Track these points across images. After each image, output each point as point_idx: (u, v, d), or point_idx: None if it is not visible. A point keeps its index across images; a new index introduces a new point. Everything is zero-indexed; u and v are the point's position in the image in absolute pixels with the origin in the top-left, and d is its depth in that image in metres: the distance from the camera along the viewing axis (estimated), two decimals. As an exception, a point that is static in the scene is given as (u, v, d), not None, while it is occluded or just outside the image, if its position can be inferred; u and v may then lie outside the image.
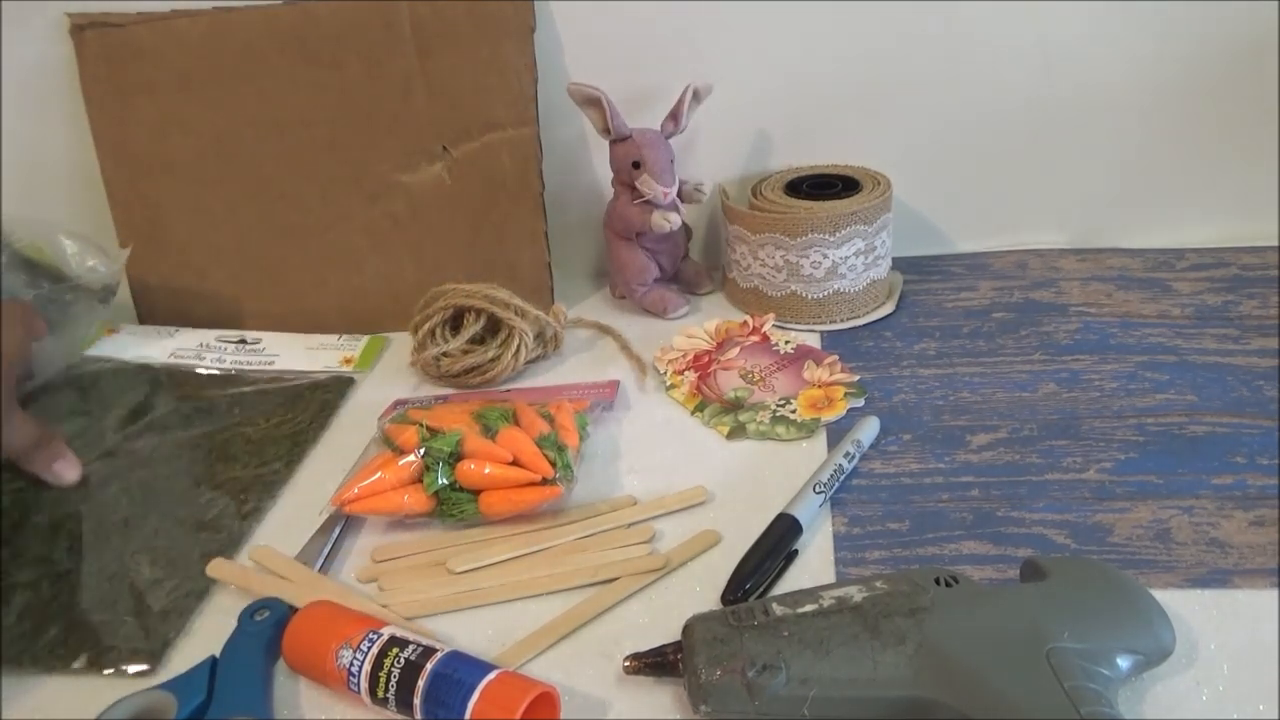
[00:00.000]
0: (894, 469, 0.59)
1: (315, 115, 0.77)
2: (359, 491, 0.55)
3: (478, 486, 0.55)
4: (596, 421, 0.64)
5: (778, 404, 0.65)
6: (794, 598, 0.43)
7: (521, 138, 0.76)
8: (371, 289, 0.80)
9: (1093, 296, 0.77)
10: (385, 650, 0.43)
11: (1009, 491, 0.56)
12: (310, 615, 0.47)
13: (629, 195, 0.76)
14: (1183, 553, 0.50)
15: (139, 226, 0.79)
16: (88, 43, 0.76)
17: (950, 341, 0.72)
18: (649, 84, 0.78)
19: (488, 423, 0.58)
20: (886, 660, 0.40)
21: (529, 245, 0.79)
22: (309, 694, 0.46)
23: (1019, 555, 0.51)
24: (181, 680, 0.45)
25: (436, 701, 0.41)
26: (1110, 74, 0.79)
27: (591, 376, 0.72)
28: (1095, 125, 0.81)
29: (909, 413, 0.64)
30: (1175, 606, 0.45)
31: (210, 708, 0.44)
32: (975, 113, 0.81)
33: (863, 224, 0.73)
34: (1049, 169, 0.83)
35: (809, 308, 0.76)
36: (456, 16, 0.75)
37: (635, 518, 0.56)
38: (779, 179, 0.80)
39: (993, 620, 0.41)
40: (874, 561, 0.52)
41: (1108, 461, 0.58)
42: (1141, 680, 0.43)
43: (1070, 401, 0.64)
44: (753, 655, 0.40)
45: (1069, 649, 0.39)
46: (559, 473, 0.55)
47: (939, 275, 0.82)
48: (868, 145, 0.82)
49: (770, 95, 0.81)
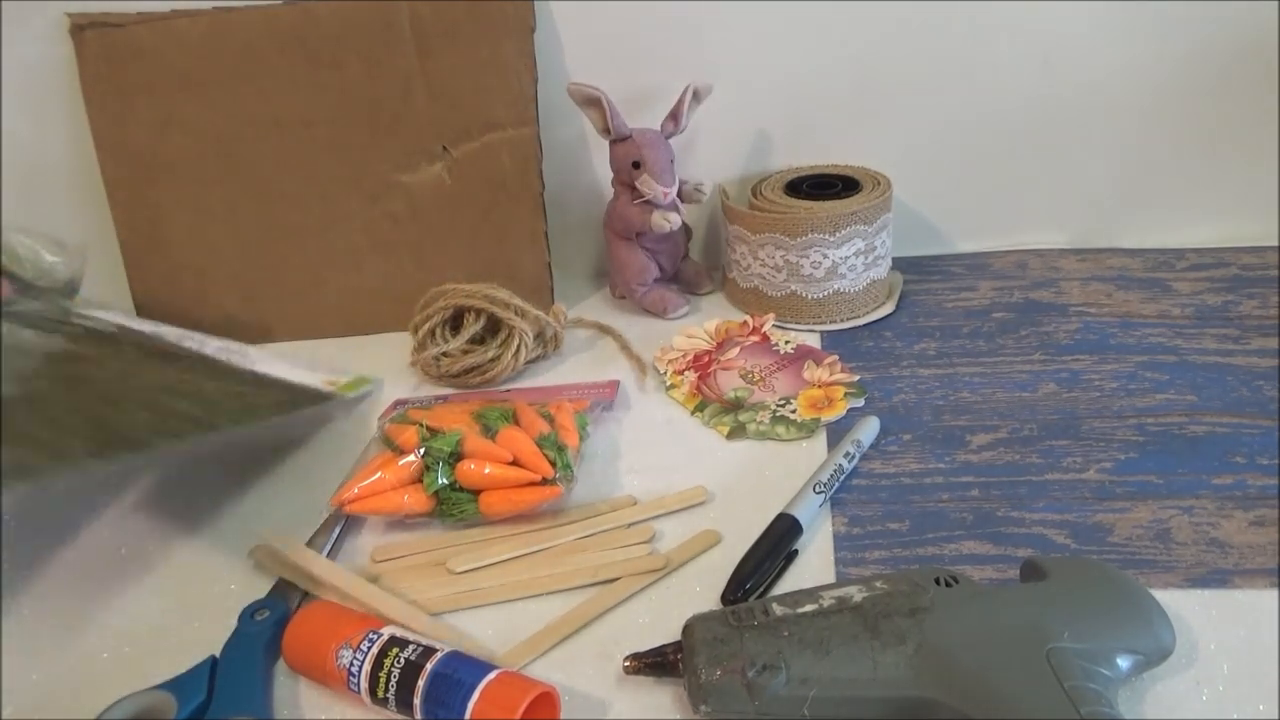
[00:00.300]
0: (894, 469, 0.59)
1: (315, 115, 0.77)
2: (359, 491, 0.55)
3: (478, 486, 0.55)
4: (596, 421, 0.64)
5: (778, 404, 0.65)
6: (794, 598, 0.43)
7: (521, 138, 0.77)
8: (371, 289, 0.80)
9: (1093, 296, 0.77)
10: (385, 650, 0.43)
11: (1009, 491, 0.56)
12: (310, 615, 0.47)
13: (629, 195, 0.76)
14: (1183, 553, 0.50)
15: (139, 226, 0.79)
16: (88, 43, 0.76)
17: (950, 341, 0.72)
18: (649, 84, 0.78)
19: (488, 423, 0.58)
20: (886, 660, 0.40)
21: (529, 245, 0.79)
22: (309, 694, 0.46)
23: (1019, 555, 0.51)
24: (181, 680, 0.45)
25: (436, 701, 0.41)
26: (1110, 74, 0.79)
27: (591, 376, 0.72)
28: (1095, 125, 0.81)
29: (909, 413, 0.64)
30: (1175, 606, 0.45)
31: (210, 707, 0.44)
32: (975, 113, 0.81)
33: (863, 224, 0.73)
34: (1049, 169, 0.83)
35: (809, 308, 0.76)
36: (456, 16, 0.75)
37: (635, 518, 0.56)
38: (779, 179, 0.80)
39: (993, 620, 0.41)
40: (874, 561, 0.52)
41: (1108, 461, 0.58)
42: (1141, 680, 0.43)
43: (1070, 401, 0.64)
44: (753, 655, 0.40)
45: (1069, 649, 0.39)
46: (559, 473, 0.55)
47: (939, 275, 0.82)
48: (868, 145, 0.82)
49: (770, 95, 0.81)
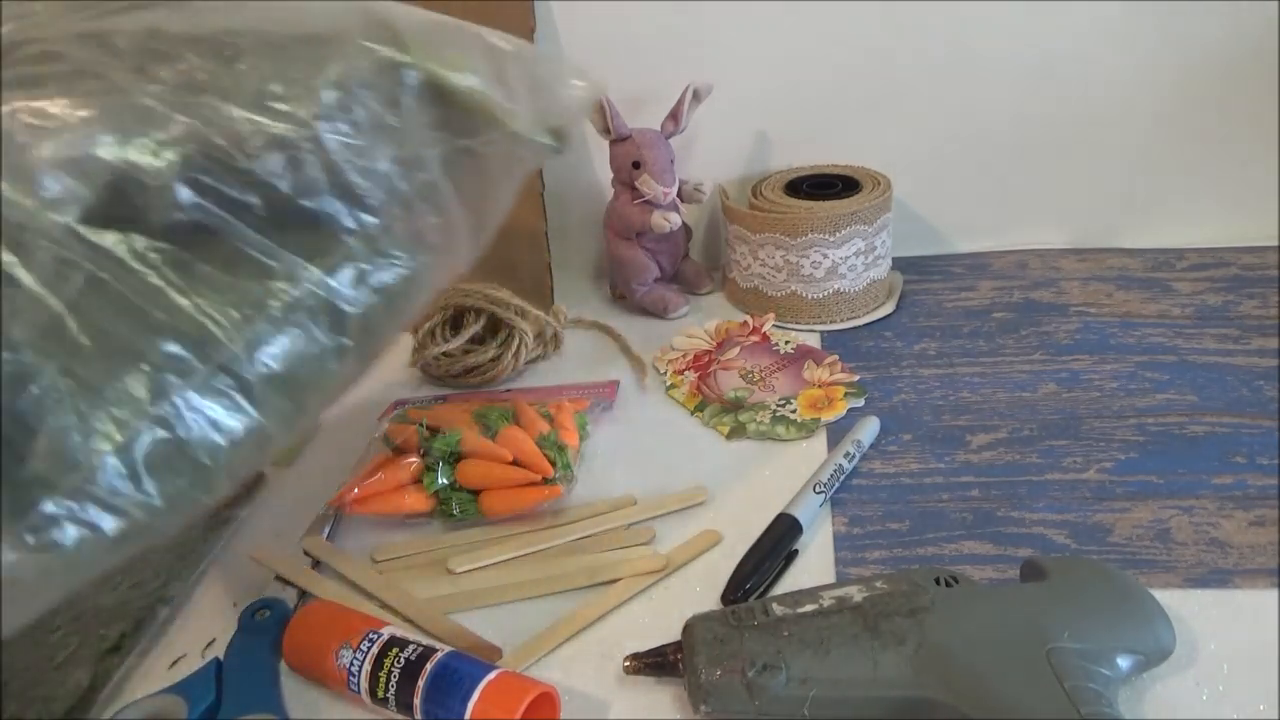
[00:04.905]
0: (894, 469, 0.59)
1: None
2: (359, 491, 0.55)
3: (478, 486, 0.55)
4: (596, 421, 0.64)
5: (778, 404, 0.65)
6: (794, 598, 0.43)
7: (522, 138, 0.76)
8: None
9: (1093, 296, 0.77)
10: (385, 650, 0.43)
11: (1009, 491, 0.56)
12: (310, 615, 0.47)
13: (629, 195, 0.76)
14: (1183, 553, 0.50)
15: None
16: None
17: (950, 341, 0.72)
18: (649, 84, 0.78)
19: (488, 423, 0.58)
20: (886, 660, 0.40)
21: (529, 245, 0.79)
22: (309, 694, 0.46)
23: (1019, 555, 0.51)
24: (188, 683, 0.45)
25: (436, 702, 0.41)
26: (1110, 74, 0.79)
27: (591, 376, 0.72)
28: (1095, 125, 0.81)
29: (909, 413, 0.64)
30: (1175, 606, 0.45)
31: (221, 708, 0.44)
32: (975, 113, 0.81)
33: (863, 224, 0.73)
34: (1049, 169, 0.83)
35: (809, 308, 0.76)
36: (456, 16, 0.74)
37: (635, 518, 0.56)
38: (779, 179, 0.80)
39: (993, 620, 0.41)
40: (874, 561, 0.52)
41: (1108, 461, 0.58)
42: (1141, 680, 0.43)
43: (1070, 401, 0.64)
44: (753, 655, 0.40)
45: (1069, 649, 0.39)
46: (559, 473, 0.55)
47: (939, 275, 0.82)
48: (868, 145, 0.82)
49: (770, 95, 0.81)
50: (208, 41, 0.39)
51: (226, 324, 0.37)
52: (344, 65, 0.40)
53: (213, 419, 0.36)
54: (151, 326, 0.35)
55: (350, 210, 0.40)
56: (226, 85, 0.38)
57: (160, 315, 0.35)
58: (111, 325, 0.34)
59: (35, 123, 0.34)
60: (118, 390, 0.34)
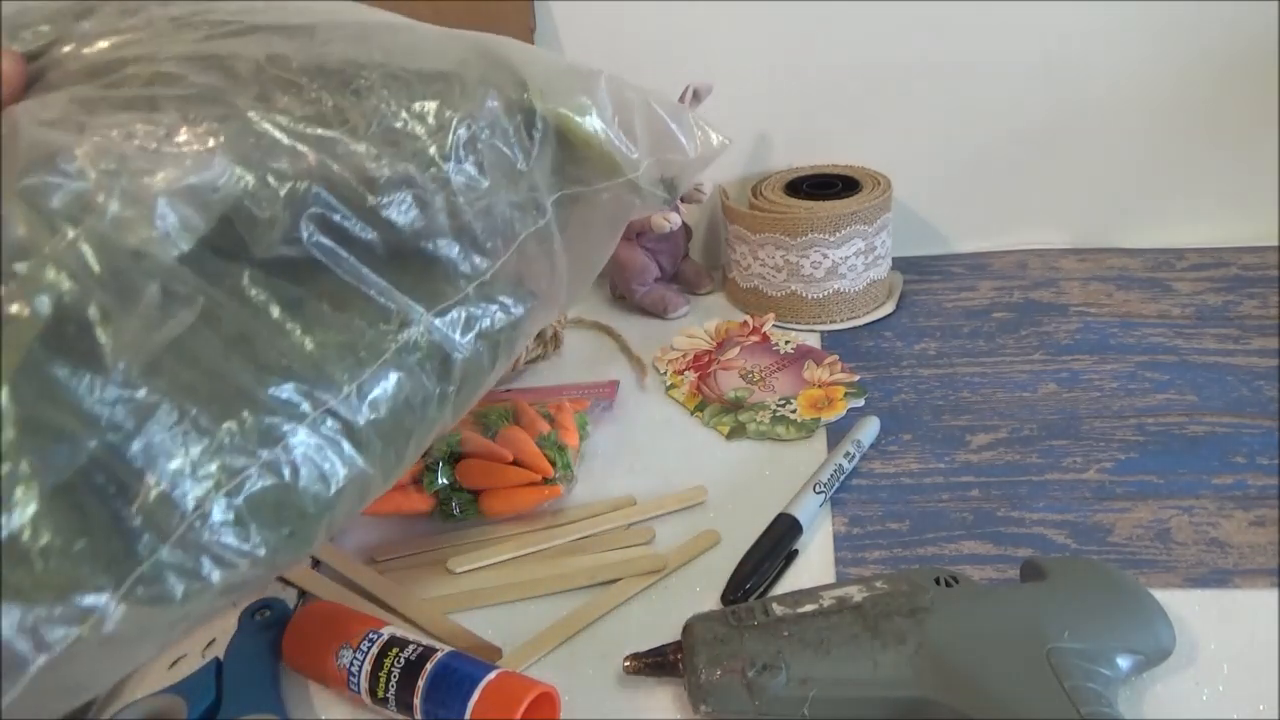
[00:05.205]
0: (894, 469, 0.59)
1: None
2: (359, 491, 0.55)
3: (478, 486, 0.55)
4: (596, 421, 0.64)
5: (778, 404, 0.65)
6: (794, 598, 0.43)
7: (522, 138, 0.76)
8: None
9: (1093, 296, 0.77)
10: (385, 650, 0.43)
11: (1009, 491, 0.56)
12: (310, 615, 0.47)
13: (629, 195, 0.76)
14: (1183, 553, 0.50)
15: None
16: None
17: (950, 341, 0.72)
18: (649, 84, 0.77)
19: (488, 423, 0.58)
20: (886, 660, 0.40)
21: (529, 245, 0.79)
22: (309, 694, 0.46)
23: (1019, 555, 0.51)
24: (188, 683, 0.45)
25: (436, 701, 0.41)
26: (1110, 74, 0.79)
27: (591, 376, 0.72)
28: (1095, 125, 0.81)
29: (909, 413, 0.64)
30: (1175, 606, 0.45)
31: (221, 708, 0.44)
32: (975, 113, 0.81)
33: (863, 224, 0.73)
34: (1049, 169, 0.83)
35: (809, 308, 0.76)
36: (456, 16, 0.74)
37: (635, 518, 0.56)
38: (779, 179, 0.80)
39: (993, 620, 0.41)
40: (874, 561, 0.52)
41: (1108, 461, 0.58)
42: (1141, 680, 0.43)
43: (1070, 401, 0.64)
44: (753, 655, 0.40)
45: (1069, 649, 0.39)
46: (559, 472, 0.55)
47: (939, 275, 0.82)
48: (868, 145, 0.82)
49: (770, 95, 0.81)
50: (335, 74, 0.37)
51: (340, 365, 0.35)
52: (472, 105, 0.39)
53: (320, 466, 0.34)
54: (265, 365, 0.33)
55: (466, 253, 0.39)
56: (354, 120, 0.36)
57: (274, 354, 0.33)
58: (223, 363, 0.32)
59: (153, 147, 0.32)
60: (229, 432, 0.32)
